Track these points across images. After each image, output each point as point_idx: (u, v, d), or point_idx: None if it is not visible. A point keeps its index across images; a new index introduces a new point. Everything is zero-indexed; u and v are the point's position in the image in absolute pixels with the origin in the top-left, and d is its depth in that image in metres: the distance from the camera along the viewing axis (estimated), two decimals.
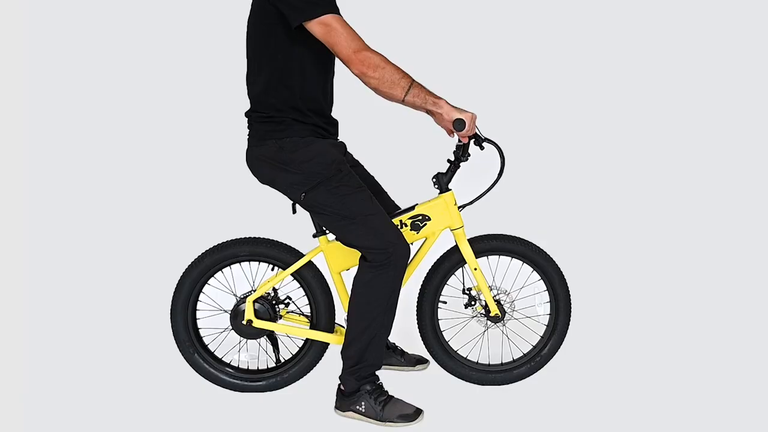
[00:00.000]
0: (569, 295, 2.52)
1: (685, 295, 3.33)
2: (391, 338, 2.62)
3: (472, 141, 2.40)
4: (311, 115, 2.23)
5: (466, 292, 2.49)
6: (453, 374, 2.51)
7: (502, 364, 2.53)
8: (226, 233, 2.53)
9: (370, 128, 2.59)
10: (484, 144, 2.40)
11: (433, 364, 2.63)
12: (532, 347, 2.56)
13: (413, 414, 2.27)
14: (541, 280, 2.52)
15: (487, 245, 2.46)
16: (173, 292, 2.46)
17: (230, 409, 2.40)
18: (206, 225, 3.66)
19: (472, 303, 2.49)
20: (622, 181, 4.03)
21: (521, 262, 2.52)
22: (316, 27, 2.07)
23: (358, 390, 2.28)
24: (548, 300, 2.52)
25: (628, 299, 3.32)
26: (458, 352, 2.54)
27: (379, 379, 2.32)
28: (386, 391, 2.31)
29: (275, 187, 2.30)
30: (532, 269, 2.52)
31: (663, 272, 3.57)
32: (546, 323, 2.55)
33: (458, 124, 2.17)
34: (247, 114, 2.32)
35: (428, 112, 2.16)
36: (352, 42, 2.06)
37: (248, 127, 2.31)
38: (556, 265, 2.51)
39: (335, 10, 2.09)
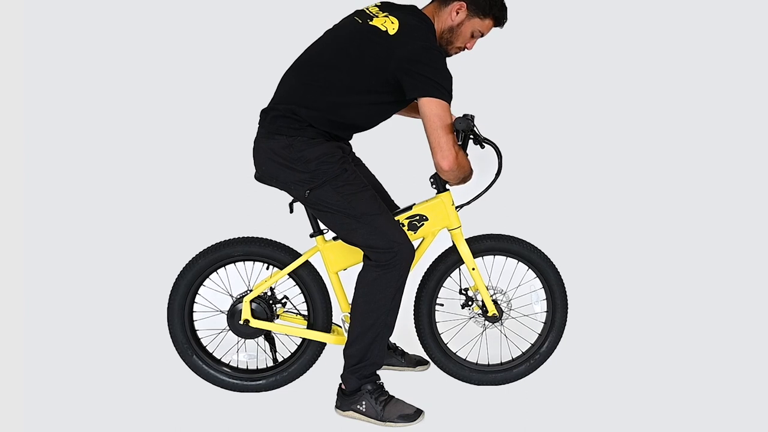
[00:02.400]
0: (565, 292, 2.54)
1: (682, 293, 3.36)
2: (391, 339, 2.63)
3: (470, 140, 2.40)
4: (332, 131, 2.23)
5: (463, 292, 2.51)
6: (452, 376, 2.52)
7: (501, 363, 2.55)
8: (224, 233, 2.52)
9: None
10: (482, 144, 2.40)
11: (433, 364, 2.64)
12: (530, 345, 2.57)
13: (413, 414, 2.29)
14: (537, 279, 2.54)
15: (483, 245, 2.47)
16: (169, 294, 2.45)
17: (229, 410, 2.40)
18: (202, 225, 3.64)
19: (469, 303, 2.50)
20: (618, 180, 4.05)
21: (517, 261, 2.54)
22: (429, 105, 2.10)
23: (359, 389, 2.29)
24: (545, 298, 2.55)
25: (624, 296, 3.34)
26: (457, 353, 2.55)
27: (380, 379, 2.33)
28: (387, 391, 2.32)
29: (276, 184, 2.28)
30: (527, 268, 2.53)
31: (660, 269, 3.59)
32: (543, 321, 2.57)
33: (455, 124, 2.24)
34: (272, 104, 2.27)
35: None
36: (450, 140, 2.14)
37: (262, 116, 2.29)
38: (552, 262, 2.52)
39: (450, 99, 2.14)
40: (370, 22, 2.17)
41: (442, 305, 2.51)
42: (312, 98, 2.19)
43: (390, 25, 2.13)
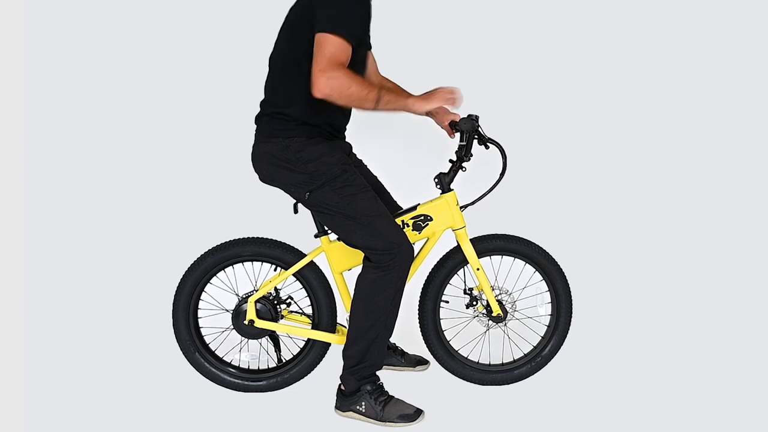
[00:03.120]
0: (571, 296, 2.52)
1: (686, 295, 3.32)
2: (392, 338, 2.61)
3: (475, 140, 2.40)
4: (324, 123, 2.23)
5: (468, 292, 2.49)
6: (454, 374, 2.50)
7: (502, 364, 2.53)
8: (228, 233, 2.54)
9: (372, 128, 2.60)
10: (487, 144, 2.40)
11: (433, 364, 2.63)
12: (533, 347, 2.56)
13: (413, 414, 2.27)
14: (543, 281, 2.52)
15: (489, 245, 2.46)
16: (175, 291, 2.47)
17: (231, 409, 2.41)
18: (209, 225, 3.66)
19: (474, 303, 2.49)
20: (624, 181, 4.00)
21: (523, 263, 2.52)
22: (325, 39, 2.00)
23: (359, 390, 2.29)
24: (550, 300, 2.52)
25: (629, 300, 3.31)
26: (459, 352, 2.54)
27: (379, 379, 2.32)
28: (386, 392, 2.31)
29: (277, 185, 2.30)
30: (534, 269, 2.51)
31: (664, 272, 3.56)
32: (547, 323, 2.54)
33: (459, 124, 2.18)
34: (262, 108, 2.29)
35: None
36: (325, 71, 1.99)
37: (256, 122, 2.31)
38: (558, 265, 2.50)
39: (351, 41, 2.03)
40: None
41: (447, 302, 2.50)
42: (289, 91, 2.18)
43: None
